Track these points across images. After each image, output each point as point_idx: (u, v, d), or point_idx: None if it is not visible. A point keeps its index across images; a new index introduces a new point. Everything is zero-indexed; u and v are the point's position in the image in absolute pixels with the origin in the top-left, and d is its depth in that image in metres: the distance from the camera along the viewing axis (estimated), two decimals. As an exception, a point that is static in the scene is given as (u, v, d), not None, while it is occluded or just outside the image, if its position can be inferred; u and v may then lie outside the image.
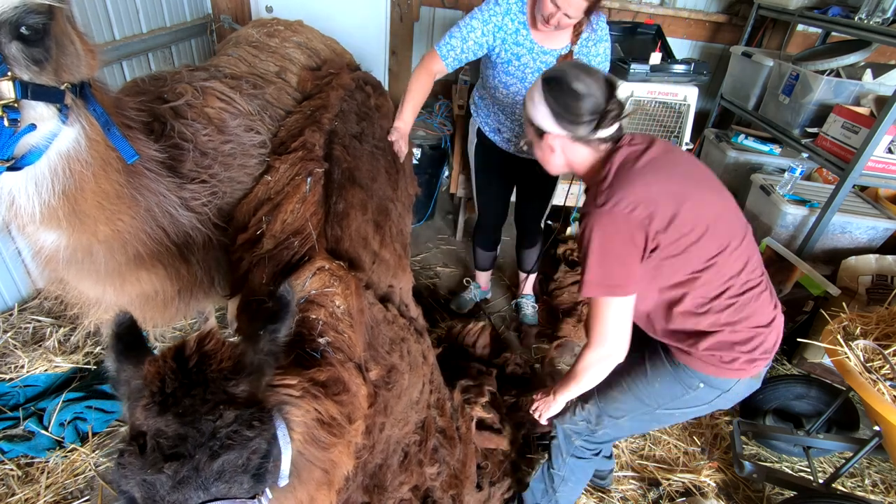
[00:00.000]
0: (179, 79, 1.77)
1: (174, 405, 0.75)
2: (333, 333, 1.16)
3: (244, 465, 0.76)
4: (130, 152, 1.28)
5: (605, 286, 1.42)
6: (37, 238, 1.31)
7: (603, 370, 1.57)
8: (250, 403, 0.82)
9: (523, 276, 3.28)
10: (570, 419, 1.91)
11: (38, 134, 1.11)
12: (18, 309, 2.80)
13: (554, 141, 1.52)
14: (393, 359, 1.48)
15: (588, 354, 1.55)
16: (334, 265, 1.28)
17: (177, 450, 0.72)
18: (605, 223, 1.38)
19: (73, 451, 2.21)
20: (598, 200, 1.40)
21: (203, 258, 1.68)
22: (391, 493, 1.59)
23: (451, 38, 2.23)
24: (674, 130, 3.28)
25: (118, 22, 3.07)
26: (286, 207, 1.47)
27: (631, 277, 1.42)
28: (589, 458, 1.95)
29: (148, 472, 0.71)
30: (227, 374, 0.81)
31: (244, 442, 0.76)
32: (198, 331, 2.60)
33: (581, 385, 1.64)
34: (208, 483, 0.73)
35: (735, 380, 1.56)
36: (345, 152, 1.75)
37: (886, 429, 1.91)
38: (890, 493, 2.51)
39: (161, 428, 0.74)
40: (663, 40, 3.77)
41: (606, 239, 1.38)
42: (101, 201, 1.29)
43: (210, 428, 0.75)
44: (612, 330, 1.47)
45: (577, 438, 1.91)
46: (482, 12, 2.21)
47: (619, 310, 1.45)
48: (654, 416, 1.73)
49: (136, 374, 0.81)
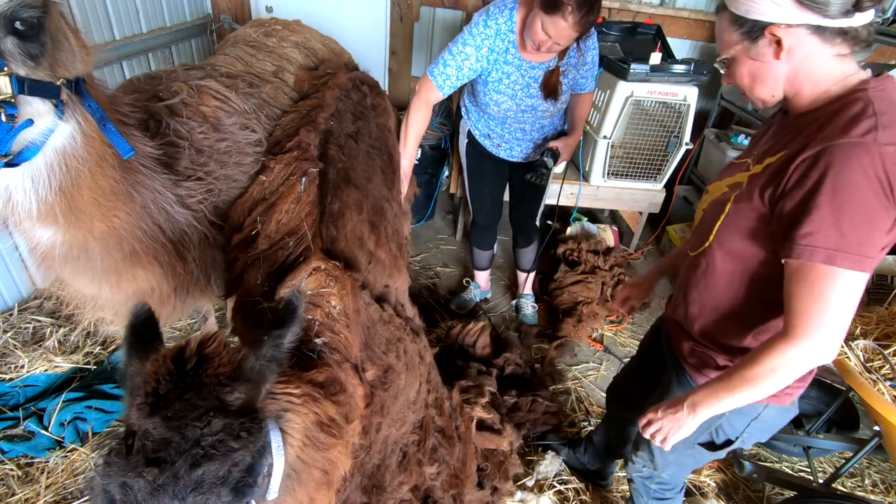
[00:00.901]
0: (175, 77, 1.78)
1: (164, 407, 0.74)
2: (330, 334, 1.16)
3: (223, 477, 0.73)
4: (126, 147, 1.29)
5: (840, 250, 1.02)
6: (33, 234, 1.31)
7: (799, 372, 1.13)
8: (244, 412, 0.80)
9: (522, 276, 3.28)
10: (633, 467, 1.72)
11: (34, 130, 1.12)
12: (18, 309, 2.80)
13: (785, 35, 1.08)
14: (389, 359, 1.48)
15: (784, 349, 1.10)
16: (330, 265, 1.28)
17: (159, 454, 0.71)
18: (862, 162, 1.00)
19: (73, 451, 2.22)
20: (852, 130, 1.02)
21: (199, 256, 1.69)
22: (390, 493, 1.59)
23: (445, 67, 2.24)
24: (674, 130, 3.27)
25: (118, 22, 3.08)
26: (281, 207, 1.47)
27: (876, 245, 1.03)
28: (673, 497, 1.76)
29: (129, 474, 0.70)
30: (222, 380, 0.79)
31: (227, 453, 0.74)
32: (197, 331, 2.59)
33: (753, 392, 1.17)
34: (185, 493, 0.70)
35: (763, 405, 1.36)
36: (340, 152, 1.74)
37: (886, 429, 1.90)
38: (890, 493, 2.51)
39: (148, 429, 0.73)
40: (663, 40, 3.76)
41: (854, 184, 1.00)
42: (97, 197, 1.29)
43: (195, 435, 0.73)
44: (832, 317, 1.05)
45: (651, 483, 1.72)
46: (473, 37, 2.21)
47: (851, 289, 1.04)
48: (697, 449, 1.50)
49: (141, 370, 0.80)
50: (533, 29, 2.07)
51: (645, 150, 3.39)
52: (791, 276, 1.09)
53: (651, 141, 3.35)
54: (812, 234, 1.04)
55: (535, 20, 2.05)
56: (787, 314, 1.10)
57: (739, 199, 1.25)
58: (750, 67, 1.17)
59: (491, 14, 2.20)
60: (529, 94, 2.39)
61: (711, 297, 1.37)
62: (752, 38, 1.13)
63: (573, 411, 2.72)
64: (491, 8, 2.22)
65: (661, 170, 3.46)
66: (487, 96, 2.42)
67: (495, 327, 3.17)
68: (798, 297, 1.08)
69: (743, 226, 1.24)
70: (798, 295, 1.07)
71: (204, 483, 0.72)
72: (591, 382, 2.92)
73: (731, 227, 1.27)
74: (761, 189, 1.17)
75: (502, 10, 2.19)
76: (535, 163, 2.62)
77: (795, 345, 1.08)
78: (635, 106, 3.23)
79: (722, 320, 1.37)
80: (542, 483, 2.32)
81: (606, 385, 2.89)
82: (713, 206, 1.36)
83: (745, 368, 1.17)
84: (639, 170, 3.47)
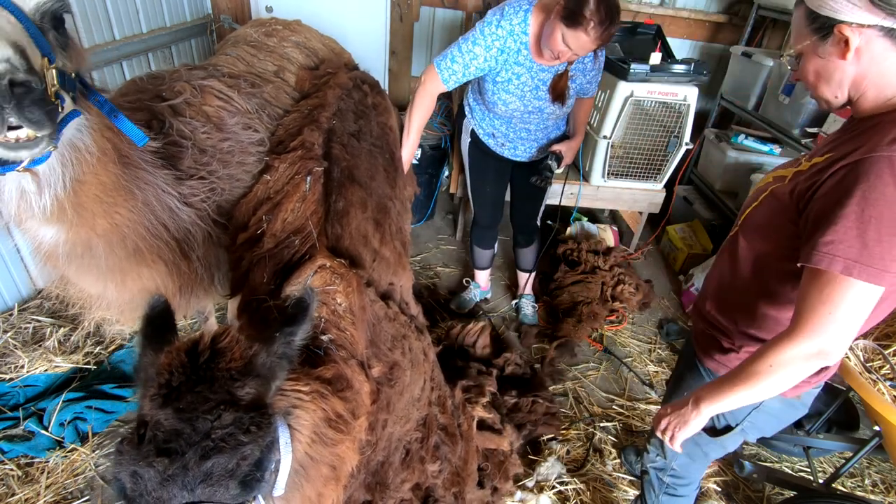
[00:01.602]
0: (178, 77, 1.78)
1: (177, 399, 0.75)
2: (336, 331, 1.16)
3: (232, 470, 0.74)
4: (140, 135, 1.29)
5: (860, 262, 1.02)
6: (36, 233, 1.31)
7: (801, 373, 1.13)
8: (254, 407, 0.80)
9: (522, 276, 3.28)
10: (648, 457, 1.77)
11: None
12: (18, 309, 2.80)
13: (854, 35, 1.06)
14: (395, 356, 1.48)
15: (788, 347, 1.11)
16: (335, 263, 1.28)
17: (170, 445, 0.72)
18: None
19: (73, 451, 2.21)
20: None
21: (203, 255, 1.69)
22: (393, 491, 1.59)
23: (452, 63, 2.24)
24: (674, 130, 3.28)
25: (118, 22, 3.07)
26: (286, 206, 1.47)
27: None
28: (685, 495, 1.78)
29: (140, 463, 0.71)
30: (234, 374, 0.80)
31: (237, 447, 0.75)
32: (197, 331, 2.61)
33: (754, 390, 1.18)
34: (194, 484, 0.72)
35: None
36: (343, 151, 1.75)
37: (886, 429, 1.91)
38: (890, 493, 2.51)
39: (160, 420, 0.74)
40: (663, 40, 3.77)
41: (886, 199, 1.00)
42: (99, 193, 1.29)
43: (206, 427, 0.74)
44: (840, 322, 1.06)
45: (664, 475, 1.76)
46: (484, 37, 2.21)
47: (863, 300, 1.05)
48: (703, 441, 1.53)
49: (155, 362, 0.81)
50: (553, 39, 2.05)
51: (645, 150, 3.40)
52: (807, 278, 1.10)
53: (651, 141, 3.35)
54: (834, 242, 1.04)
55: (556, 31, 2.03)
56: (795, 313, 1.11)
57: (776, 192, 1.26)
58: (816, 65, 1.15)
59: (505, 14, 2.19)
60: (538, 97, 2.39)
61: (725, 278, 1.42)
62: (822, 35, 1.11)
63: (573, 411, 2.73)
64: (506, 7, 2.21)
65: (661, 170, 3.47)
66: (496, 95, 2.42)
67: (495, 327, 3.17)
68: (808, 299, 1.09)
69: (769, 218, 1.26)
70: (809, 297, 1.08)
71: (213, 475, 0.73)
72: (591, 382, 2.92)
73: (758, 217, 1.29)
74: (796, 187, 1.18)
75: (517, 11, 2.19)
76: (539, 166, 2.64)
77: (796, 343, 1.09)
78: (635, 106, 3.23)
79: (728, 301, 1.40)
80: (543, 484, 2.32)
81: (606, 385, 2.92)
82: (754, 193, 1.39)
83: (747, 365, 1.18)
84: (639, 170, 3.48)
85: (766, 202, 1.28)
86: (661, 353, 3.17)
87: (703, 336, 1.51)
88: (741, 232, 1.35)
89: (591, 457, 2.49)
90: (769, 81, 3.63)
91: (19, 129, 0.97)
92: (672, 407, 1.34)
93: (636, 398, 2.86)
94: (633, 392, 2.90)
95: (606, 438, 2.59)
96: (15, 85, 0.90)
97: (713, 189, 4.05)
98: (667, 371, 3.05)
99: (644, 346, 3.22)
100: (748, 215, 1.33)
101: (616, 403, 2.81)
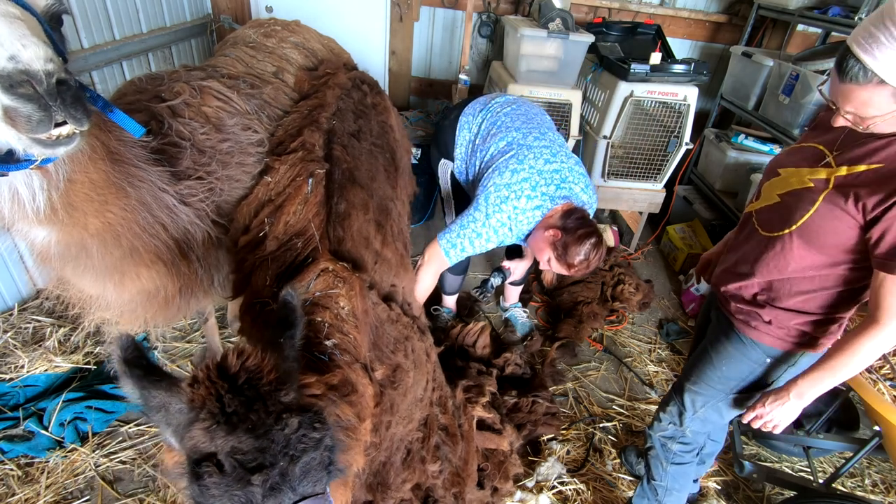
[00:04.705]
0: (177, 78, 1.77)
1: (241, 422, 0.79)
2: (339, 335, 1.16)
3: (320, 461, 0.83)
4: (137, 127, 1.29)
5: None
6: (27, 235, 1.30)
7: (880, 351, 1.42)
8: (301, 409, 0.86)
9: (510, 288, 3.21)
10: (658, 426, 1.92)
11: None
12: (18, 309, 2.80)
13: None
14: (398, 357, 1.48)
15: (873, 332, 1.38)
16: (338, 266, 1.28)
17: (259, 461, 0.77)
18: None
19: (73, 451, 2.21)
20: None
21: (203, 255, 1.68)
22: (393, 491, 1.59)
23: (462, 251, 2.25)
24: (674, 130, 3.29)
25: (118, 22, 3.07)
26: (288, 209, 1.47)
27: None
28: (689, 461, 1.94)
29: (236, 487, 0.75)
30: (276, 386, 0.85)
31: (316, 442, 0.82)
32: (197, 331, 2.57)
33: (850, 371, 1.45)
34: (296, 484, 0.79)
35: (801, 353, 1.60)
36: (344, 152, 1.74)
37: (886, 429, 1.92)
38: (890, 493, 2.52)
39: (236, 445, 0.77)
40: (663, 40, 3.77)
41: None
42: (90, 192, 1.28)
43: (282, 437, 0.80)
44: None
45: (672, 443, 1.90)
46: (497, 233, 2.22)
47: None
48: (729, 401, 1.76)
49: (173, 398, 0.81)
50: (538, 255, 2.24)
51: (645, 150, 3.40)
52: (882, 281, 1.35)
53: (651, 141, 3.36)
54: None
55: (543, 255, 2.21)
56: (875, 307, 1.38)
57: (831, 199, 1.41)
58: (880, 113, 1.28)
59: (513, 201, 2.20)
60: (518, 238, 2.40)
61: (779, 274, 1.55)
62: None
63: (573, 411, 2.73)
64: (511, 196, 2.20)
65: (661, 170, 3.47)
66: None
67: (495, 328, 3.17)
68: (886, 297, 1.34)
69: (835, 225, 1.41)
70: (886, 296, 1.34)
71: (309, 471, 0.81)
72: (592, 382, 2.93)
73: (821, 223, 1.44)
74: (858, 198, 1.35)
75: (528, 200, 2.20)
76: (483, 280, 2.73)
77: (882, 328, 1.36)
78: (635, 106, 3.24)
79: (782, 292, 1.57)
80: (543, 484, 2.32)
81: (606, 385, 2.92)
82: (794, 197, 1.51)
83: (842, 355, 1.43)
84: (639, 170, 3.48)
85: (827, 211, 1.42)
86: (661, 353, 3.18)
87: (741, 311, 1.67)
88: (798, 237, 1.49)
89: (591, 457, 2.49)
90: (769, 81, 3.63)
91: (63, 125, 1.00)
92: (769, 404, 1.57)
93: (636, 398, 2.86)
94: (634, 392, 2.91)
95: (606, 438, 2.60)
96: (60, 83, 0.94)
97: (713, 189, 4.06)
98: (667, 371, 3.06)
99: (644, 346, 3.23)
100: (808, 222, 1.46)
101: (616, 403, 2.81)
